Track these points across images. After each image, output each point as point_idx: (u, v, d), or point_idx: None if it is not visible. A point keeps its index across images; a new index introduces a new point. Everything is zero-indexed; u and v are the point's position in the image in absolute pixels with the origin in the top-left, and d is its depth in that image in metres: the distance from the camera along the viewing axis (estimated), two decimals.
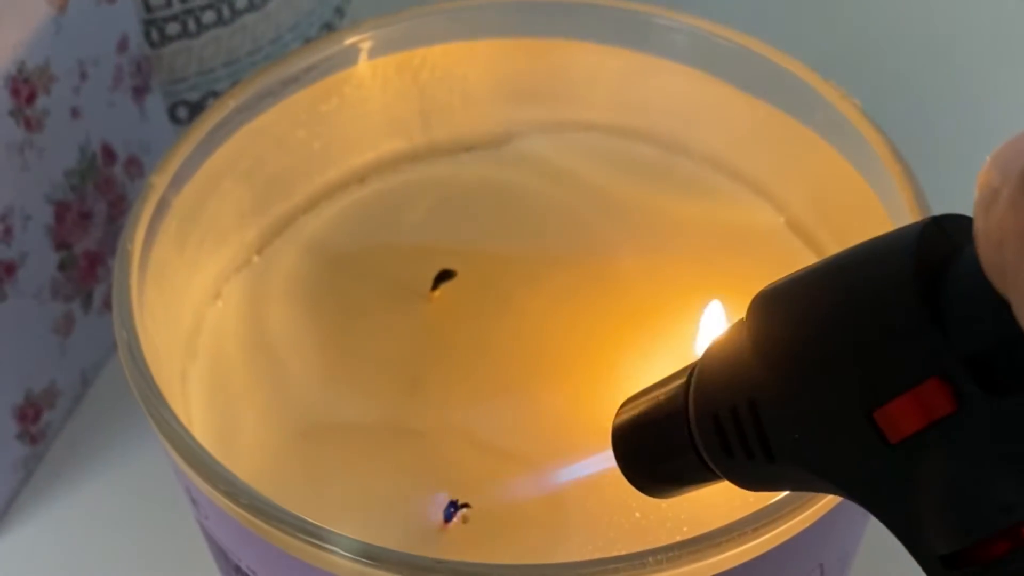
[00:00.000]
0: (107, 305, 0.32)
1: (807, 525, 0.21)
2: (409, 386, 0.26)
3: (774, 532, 0.20)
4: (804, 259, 0.27)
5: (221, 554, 0.23)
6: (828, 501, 0.21)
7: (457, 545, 0.23)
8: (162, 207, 0.25)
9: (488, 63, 0.29)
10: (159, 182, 0.25)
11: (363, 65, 0.28)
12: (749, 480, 0.17)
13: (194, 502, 0.23)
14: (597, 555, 0.20)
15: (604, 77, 0.28)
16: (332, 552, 0.20)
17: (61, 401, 0.31)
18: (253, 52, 0.36)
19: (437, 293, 0.27)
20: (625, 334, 0.26)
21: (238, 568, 0.23)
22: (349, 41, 0.27)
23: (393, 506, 0.24)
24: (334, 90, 0.28)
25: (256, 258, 0.28)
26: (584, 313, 0.27)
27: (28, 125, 0.28)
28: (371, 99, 0.28)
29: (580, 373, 0.26)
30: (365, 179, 0.29)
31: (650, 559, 0.20)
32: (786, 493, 0.20)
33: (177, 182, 0.25)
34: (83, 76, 0.30)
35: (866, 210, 0.26)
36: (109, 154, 0.31)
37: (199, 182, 0.26)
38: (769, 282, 0.26)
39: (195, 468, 0.21)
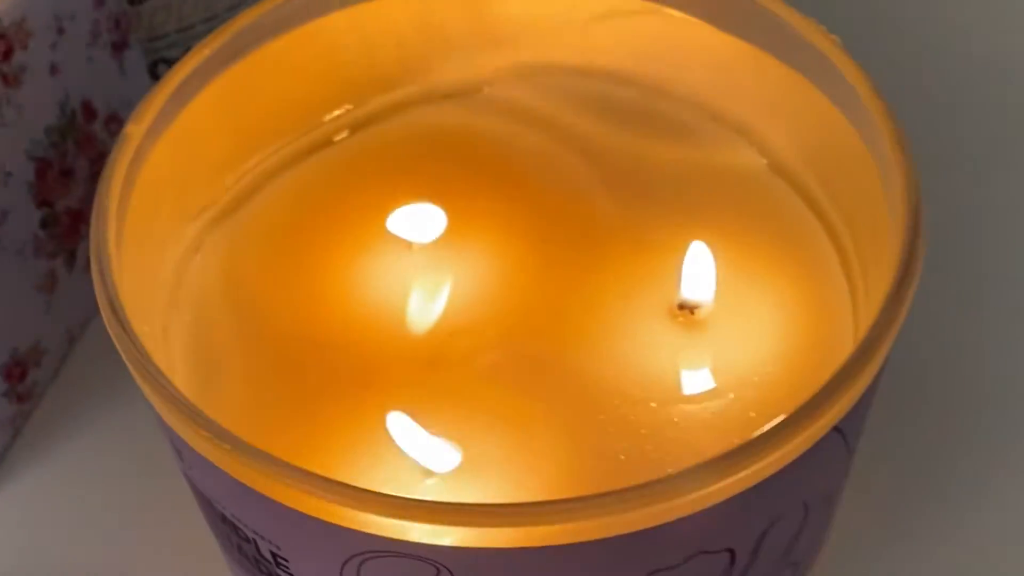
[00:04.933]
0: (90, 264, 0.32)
1: (789, 460, 0.21)
2: (392, 329, 0.26)
3: (757, 467, 0.20)
4: (788, 201, 0.27)
5: (207, 504, 0.23)
6: (807, 438, 0.21)
7: (445, 485, 0.23)
8: (139, 158, 0.25)
9: (464, 10, 0.28)
10: (135, 132, 0.25)
11: (339, 14, 0.27)
12: None
13: (178, 453, 0.23)
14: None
15: (581, 19, 0.28)
16: (317, 496, 0.20)
17: (47, 359, 0.31)
18: (233, 8, 0.36)
19: (422, 244, 0.27)
20: (607, 277, 0.26)
21: (223, 517, 0.23)
22: None
23: (380, 450, 0.24)
24: (311, 39, 0.27)
25: (237, 210, 0.27)
26: (565, 256, 0.27)
27: (6, 81, 0.28)
28: (349, 48, 0.28)
29: (562, 317, 0.26)
30: (344, 128, 0.29)
31: (630, 495, 0.20)
32: (765, 430, 0.20)
33: (153, 133, 0.25)
34: (60, 31, 0.29)
35: (848, 150, 0.25)
36: (89, 111, 0.31)
37: (176, 132, 0.26)
38: (752, 224, 0.27)
39: (178, 418, 0.21)
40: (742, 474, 0.20)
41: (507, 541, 0.20)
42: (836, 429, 0.21)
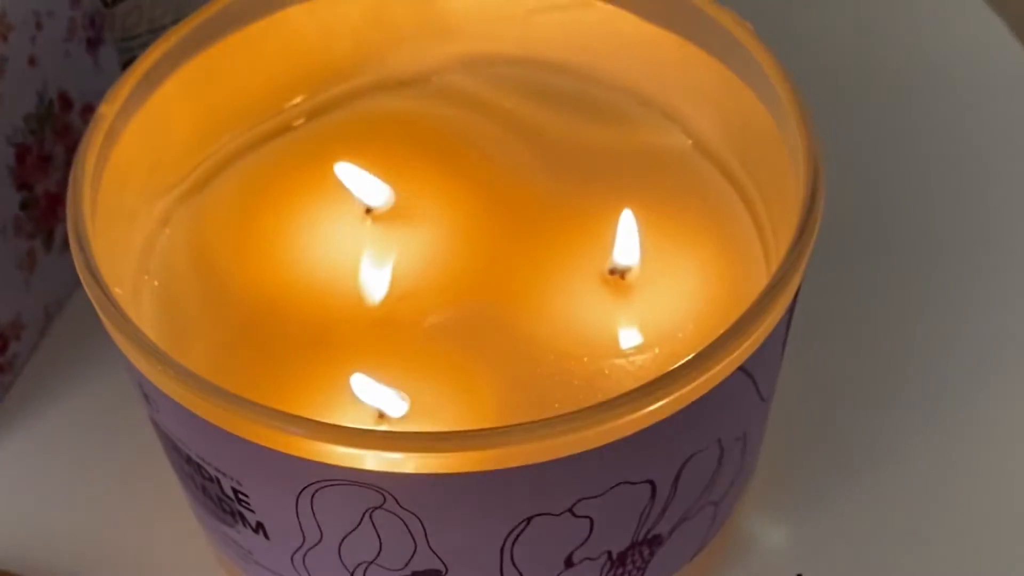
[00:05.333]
0: (67, 244, 0.34)
1: (699, 395, 0.23)
2: (346, 294, 0.28)
3: (668, 400, 0.22)
4: (710, 177, 0.30)
5: (173, 447, 0.25)
6: (715, 375, 0.23)
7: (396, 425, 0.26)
8: (111, 136, 0.27)
9: (414, 5, 0.31)
10: (107, 112, 0.27)
11: (299, 7, 0.30)
12: None
13: (147, 398, 0.25)
14: None
15: (520, 13, 0.30)
16: (275, 428, 0.22)
17: (26, 333, 0.33)
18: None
19: (372, 215, 0.29)
20: (545, 246, 0.29)
21: (188, 459, 0.25)
22: None
23: (337, 402, 0.26)
24: (272, 31, 0.30)
25: (203, 188, 0.30)
26: (506, 228, 0.29)
27: None
28: (307, 40, 0.30)
29: (503, 282, 0.28)
30: (303, 115, 0.31)
31: (554, 423, 0.22)
32: (682, 363, 0.23)
33: (124, 114, 0.27)
34: (39, 26, 0.32)
35: (762, 128, 0.28)
36: (66, 101, 0.33)
37: (146, 114, 0.28)
38: (678, 198, 0.29)
39: (147, 362, 0.23)
40: (655, 406, 0.22)
41: (443, 467, 0.22)
42: (742, 369, 0.24)
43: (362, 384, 0.26)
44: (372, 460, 0.22)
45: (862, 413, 0.33)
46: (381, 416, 0.26)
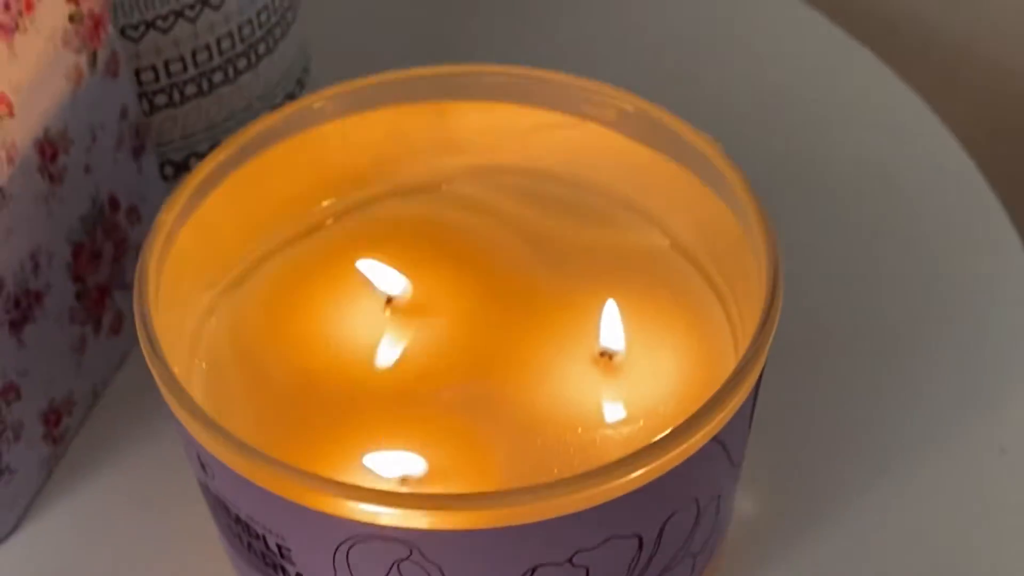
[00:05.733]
0: (112, 330, 0.38)
1: (678, 462, 0.27)
2: (369, 373, 0.32)
3: (652, 466, 0.27)
4: (685, 272, 0.34)
5: (223, 508, 0.29)
6: (691, 446, 0.27)
7: (415, 490, 0.29)
8: (169, 239, 0.31)
9: (427, 122, 0.35)
10: (167, 218, 0.31)
11: (327, 126, 0.34)
12: None
13: (202, 465, 0.29)
14: None
15: (521, 130, 0.35)
16: (318, 491, 0.26)
17: (77, 409, 0.37)
18: (228, 118, 0.42)
19: (391, 305, 0.33)
20: (542, 331, 0.33)
21: (238, 518, 0.29)
22: (317, 104, 0.34)
23: (363, 467, 0.30)
24: (304, 146, 0.34)
25: (244, 282, 0.34)
26: (508, 316, 0.33)
27: (51, 179, 0.34)
28: (334, 153, 0.35)
29: (506, 362, 0.32)
30: (330, 216, 0.35)
31: (556, 486, 0.26)
32: (664, 435, 0.27)
33: (180, 219, 0.31)
34: (94, 138, 0.36)
35: (730, 233, 0.32)
36: (114, 203, 0.37)
37: (197, 220, 0.32)
38: (657, 290, 0.33)
39: (207, 433, 0.27)
40: (641, 471, 0.27)
41: (460, 524, 0.26)
42: (716, 440, 0.28)
43: (376, 461, 0.30)
44: (400, 518, 0.26)
45: (821, 476, 0.37)
46: (404, 480, 0.30)
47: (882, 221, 0.44)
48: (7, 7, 0.31)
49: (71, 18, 0.34)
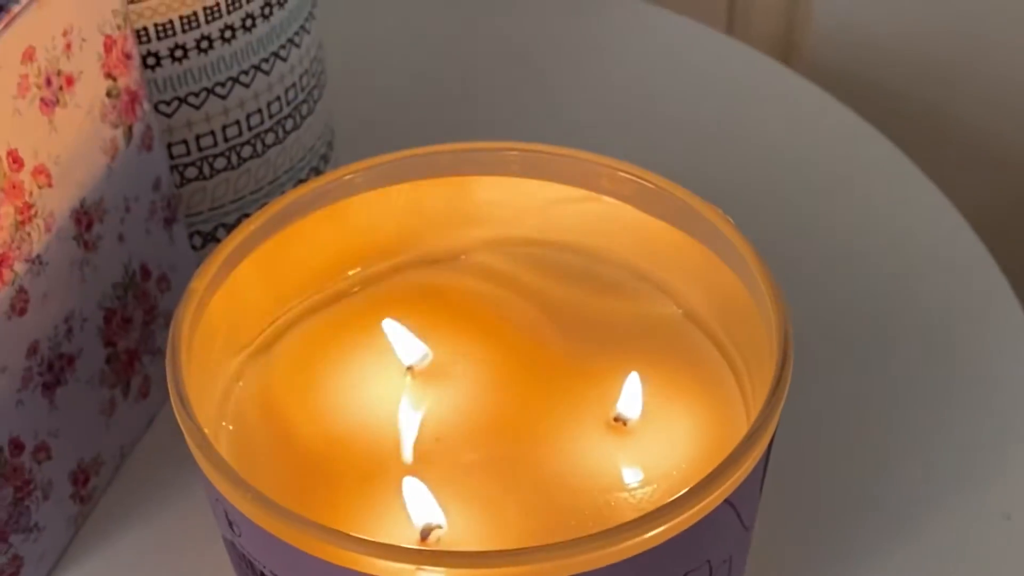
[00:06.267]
0: (141, 393, 0.40)
1: (692, 523, 0.28)
2: (390, 436, 0.33)
3: (665, 527, 0.27)
4: (697, 340, 0.35)
5: (248, 565, 0.30)
6: (703, 507, 0.28)
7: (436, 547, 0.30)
8: (200, 306, 0.32)
9: (447, 197, 0.37)
10: (198, 286, 0.32)
11: (352, 199, 0.35)
12: None
13: (230, 523, 0.30)
14: None
15: (535, 205, 0.36)
16: (344, 548, 0.27)
17: (104, 470, 0.38)
18: (256, 191, 0.44)
19: (412, 371, 0.34)
20: (558, 398, 0.34)
21: (263, 574, 0.30)
22: (345, 178, 0.35)
23: (385, 527, 0.31)
24: (330, 218, 0.35)
25: (271, 347, 0.35)
26: (526, 382, 0.34)
27: (86, 247, 0.36)
28: (359, 225, 0.36)
29: (524, 427, 0.33)
30: (356, 285, 0.36)
31: (575, 545, 0.27)
32: (677, 497, 0.28)
33: (211, 287, 0.33)
34: (127, 209, 0.37)
35: (740, 302, 0.33)
36: (145, 272, 0.39)
37: (228, 288, 0.33)
38: (670, 358, 0.34)
39: (236, 492, 0.28)
40: (655, 531, 0.27)
41: None
42: (728, 503, 0.29)
43: (414, 492, 0.30)
44: (421, 575, 0.27)
45: (827, 543, 0.37)
46: (422, 539, 0.31)
47: (889, 292, 0.45)
48: (49, 83, 0.33)
49: (108, 93, 0.35)
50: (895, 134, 0.51)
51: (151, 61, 0.39)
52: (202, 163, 0.42)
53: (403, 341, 0.34)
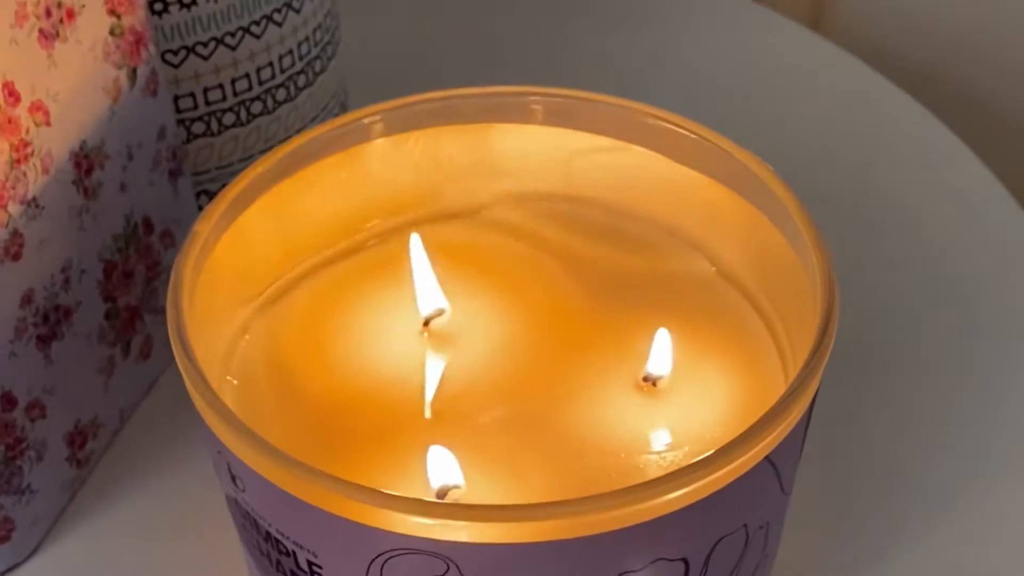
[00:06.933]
0: (142, 354, 0.38)
1: (729, 481, 0.26)
2: (405, 395, 0.31)
3: (701, 483, 0.25)
4: (732, 299, 0.33)
5: (252, 524, 0.28)
6: (742, 463, 0.26)
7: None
8: (204, 250, 0.30)
9: (467, 145, 0.35)
10: (203, 229, 0.30)
11: (367, 145, 0.33)
12: None
13: (233, 477, 0.28)
14: None
15: (564, 155, 0.34)
16: (352, 499, 0.25)
17: (102, 433, 0.36)
18: (265, 149, 0.42)
19: (430, 327, 0.33)
20: (585, 357, 0.32)
21: (268, 535, 0.28)
22: (364, 120, 0.33)
23: (398, 488, 0.29)
24: (343, 165, 0.33)
25: (280, 300, 0.33)
26: (550, 342, 0.32)
27: (86, 193, 0.34)
28: (374, 174, 0.34)
29: (547, 386, 0.31)
30: (372, 239, 0.34)
31: (602, 499, 0.25)
32: (715, 451, 0.26)
33: (216, 231, 0.31)
34: (130, 156, 0.35)
35: (780, 256, 0.31)
36: (148, 225, 0.37)
37: (234, 234, 0.31)
38: (703, 317, 0.32)
39: (237, 439, 0.26)
40: (692, 487, 0.25)
41: (502, 536, 0.25)
42: (768, 460, 0.27)
43: (437, 457, 0.28)
44: (438, 529, 0.25)
45: (871, 515, 0.35)
46: (442, 490, 0.29)
47: (929, 257, 0.43)
48: (48, 13, 0.31)
49: (112, 31, 0.34)
50: (927, 103, 0.49)
51: (158, 7, 0.37)
52: (210, 118, 0.40)
53: (427, 288, 0.32)
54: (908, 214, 0.45)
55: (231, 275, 0.32)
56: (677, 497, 0.25)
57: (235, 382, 0.31)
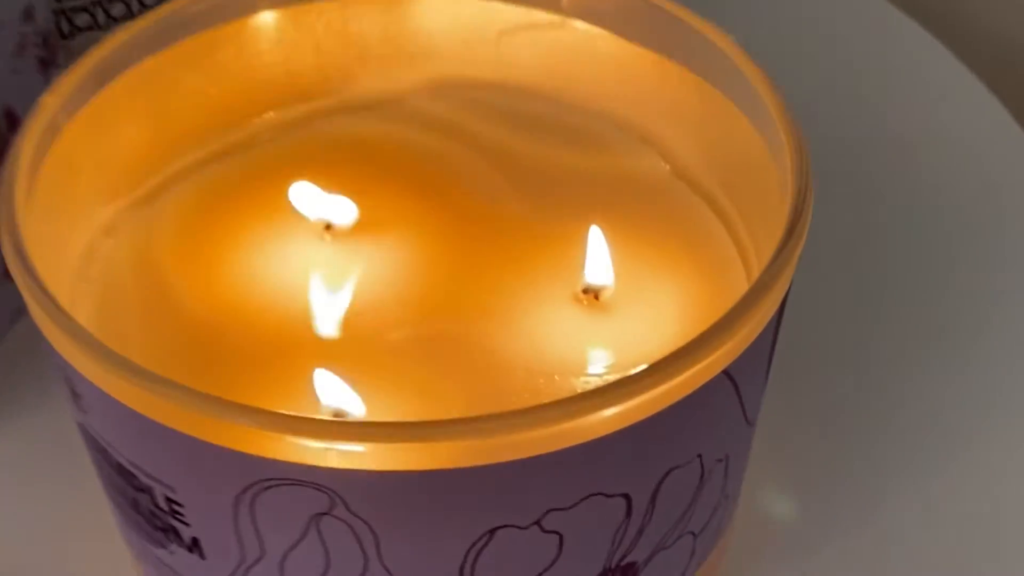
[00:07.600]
0: (7, 275, 0.32)
1: (678, 397, 0.21)
2: (299, 311, 0.26)
3: (644, 398, 0.20)
4: (687, 201, 0.28)
5: (102, 454, 0.23)
6: (695, 376, 0.21)
7: None
8: (53, 129, 0.25)
9: (381, 23, 0.30)
10: (51, 102, 0.25)
11: (259, 16, 0.28)
12: None
13: (75, 396, 0.23)
14: None
15: (493, 33, 0.29)
16: (214, 416, 0.20)
17: None
18: None
19: (333, 232, 0.27)
20: (514, 267, 0.27)
21: (120, 467, 0.23)
22: None
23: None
24: (230, 38, 0.28)
25: (154, 200, 0.28)
26: (474, 250, 0.27)
27: None
28: (268, 52, 0.29)
29: (470, 301, 0.26)
30: (266, 132, 0.29)
31: (500, 422, 0.20)
32: (664, 358, 0.21)
33: (70, 107, 0.26)
34: None
35: (747, 147, 0.27)
36: (12, 118, 0.32)
37: (92, 112, 0.26)
38: (653, 222, 0.27)
39: (77, 349, 0.21)
40: (634, 401, 0.20)
41: (396, 462, 0.20)
42: (726, 374, 0.22)
43: (325, 380, 0.23)
44: (318, 454, 0.20)
45: (849, 450, 0.31)
46: (337, 415, 0.24)
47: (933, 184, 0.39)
48: None
49: None
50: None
51: None
52: (95, 9, 0.35)
53: (317, 200, 0.27)
54: (902, 137, 0.40)
55: (90, 164, 0.27)
56: (614, 415, 0.20)
57: (93, 290, 0.26)
